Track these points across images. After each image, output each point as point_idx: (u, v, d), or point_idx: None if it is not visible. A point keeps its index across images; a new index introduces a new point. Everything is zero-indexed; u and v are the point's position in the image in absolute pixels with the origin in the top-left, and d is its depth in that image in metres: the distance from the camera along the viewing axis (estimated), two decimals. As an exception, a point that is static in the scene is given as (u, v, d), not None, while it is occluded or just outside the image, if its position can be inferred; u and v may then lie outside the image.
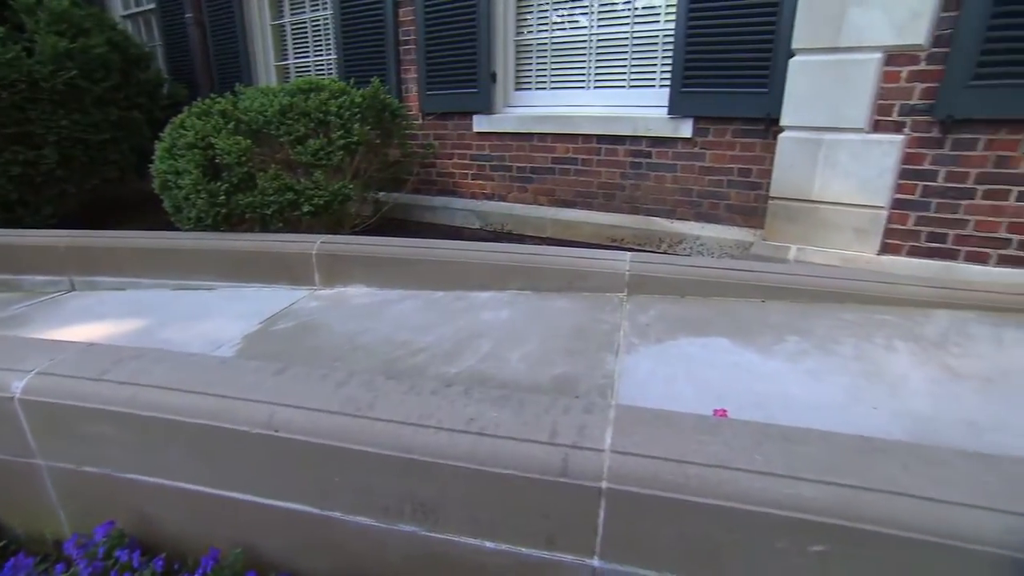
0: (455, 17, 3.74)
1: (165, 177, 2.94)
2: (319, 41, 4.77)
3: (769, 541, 0.88)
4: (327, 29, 4.62)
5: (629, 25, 3.32)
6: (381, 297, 2.42)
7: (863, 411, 1.48)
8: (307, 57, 4.91)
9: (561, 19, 3.59)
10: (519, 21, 3.71)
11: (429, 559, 1.07)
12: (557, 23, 3.60)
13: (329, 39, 4.64)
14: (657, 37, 3.24)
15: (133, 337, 2.12)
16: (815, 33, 2.44)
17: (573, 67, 3.60)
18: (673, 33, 3.03)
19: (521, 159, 3.80)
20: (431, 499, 1.03)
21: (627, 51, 3.37)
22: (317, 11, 4.67)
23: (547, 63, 3.69)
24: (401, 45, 4.12)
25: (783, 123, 2.63)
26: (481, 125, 3.90)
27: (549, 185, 3.74)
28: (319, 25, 4.70)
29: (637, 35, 3.31)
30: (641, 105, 3.34)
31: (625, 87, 3.44)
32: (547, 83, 3.74)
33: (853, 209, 2.54)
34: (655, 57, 3.28)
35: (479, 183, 4.06)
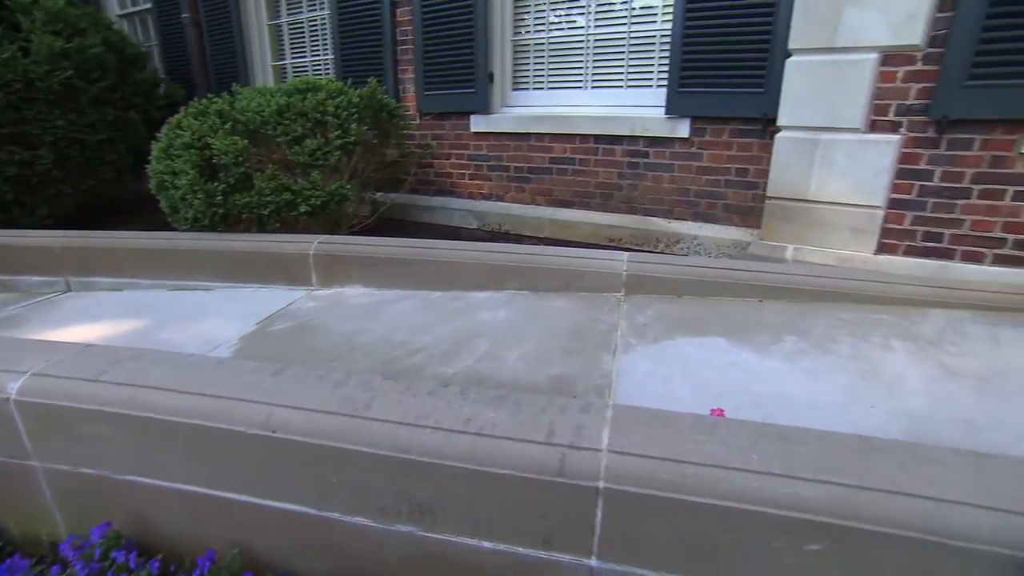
0: (452, 17, 3.74)
1: (162, 177, 2.93)
2: (316, 41, 4.76)
3: (766, 540, 0.88)
4: (324, 29, 4.62)
5: (626, 25, 3.32)
6: (379, 297, 2.42)
7: (860, 410, 1.49)
8: (304, 57, 4.90)
9: (558, 19, 3.59)
10: (516, 21, 3.71)
11: (426, 559, 1.07)
12: (554, 23, 3.60)
13: (326, 39, 4.63)
14: (654, 37, 3.24)
15: (130, 338, 2.11)
16: (811, 33, 2.45)
17: (570, 67, 3.60)
18: (670, 33, 3.04)
19: (519, 159, 3.80)
20: (428, 499, 1.03)
21: (624, 51, 3.37)
22: (314, 11, 4.66)
23: (544, 63, 3.70)
24: (398, 45, 4.12)
25: (780, 123, 2.64)
26: (479, 125, 3.89)
27: (547, 185, 3.74)
28: (316, 25, 4.70)
29: (634, 35, 3.31)
30: (638, 105, 3.34)
31: (622, 87, 3.44)
32: (544, 83, 3.74)
33: (850, 209, 2.54)
34: (652, 57, 3.28)
35: (477, 183, 4.06)
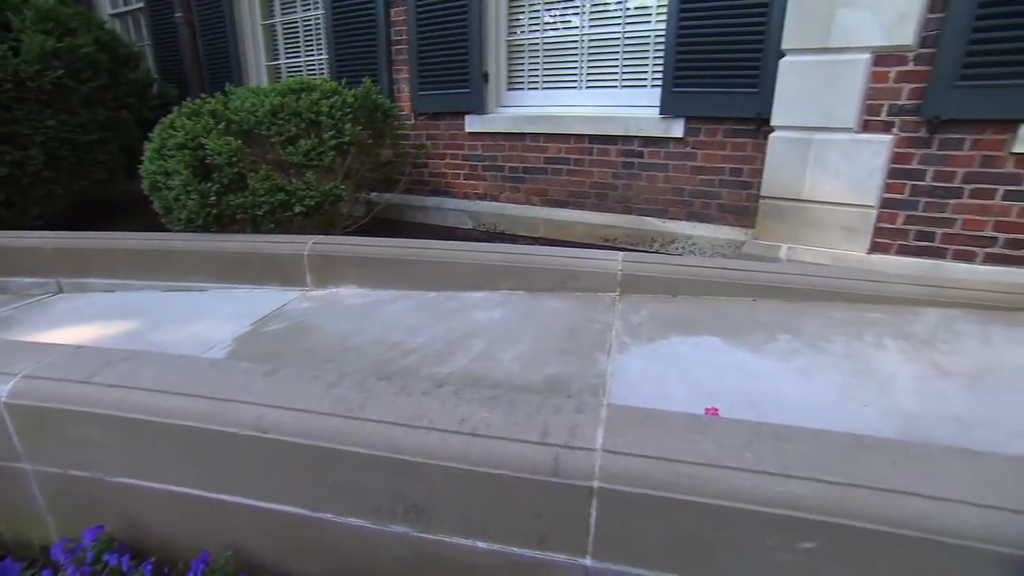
0: (447, 17, 3.74)
1: (155, 178, 2.91)
2: (310, 41, 4.74)
3: (760, 538, 0.88)
4: (318, 29, 4.60)
5: (621, 25, 3.33)
6: (373, 298, 2.41)
7: (853, 409, 1.50)
8: (298, 57, 4.88)
9: (553, 19, 3.59)
10: (511, 21, 3.71)
11: (421, 560, 1.07)
12: (549, 23, 3.60)
13: (320, 39, 4.61)
14: (648, 37, 3.25)
15: (122, 339, 2.10)
16: (805, 34, 2.46)
17: (565, 67, 3.61)
18: (664, 33, 3.05)
19: (513, 159, 3.80)
20: (423, 500, 1.02)
21: (619, 51, 3.37)
22: (308, 11, 4.64)
23: (539, 63, 3.70)
24: (393, 45, 4.11)
25: (774, 123, 2.65)
26: (473, 125, 3.89)
27: (541, 185, 3.74)
28: (310, 25, 4.68)
29: (629, 35, 3.32)
30: (633, 105, 3.35)
31: (617, 87, 3.45)
32: (539, 83, 3.74)
33: (843, 208, 2.56)
34: (647, 57, 3.29)
35: (471, 183, 4.06)
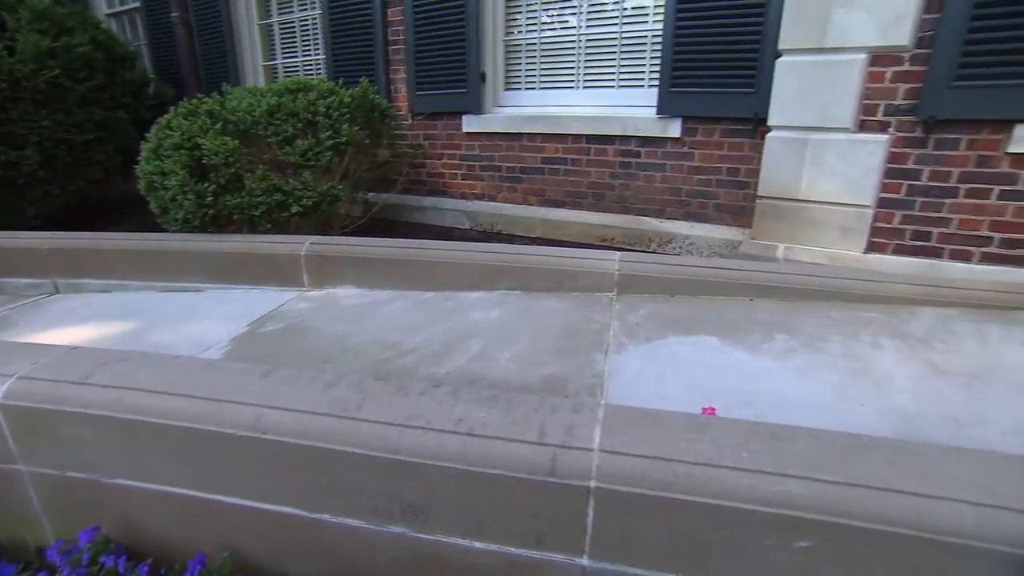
0: (444, 17, 3.73)
1: (151, 178, 2.90)
2: (307, 41, 4.73)
3: (757, 538, 0.88)
4: (315, 29, 4.59)
5: (618, 25, 3.33)
6: (371, 298, 2.41)
7: (850, 408, 1.50)
8: (295, 57, 4.87)
9: (550, 19, 3.59)
10: (508, 21, 3.71)
11: (418, 560, 1.07)
12: (546, 23, 3.60)
13: (317, 39, 4.61)
14: (646, 37, 3.25)
15: (119, 340, 2.09)
16: (801, 34, 2.46)
17: (562, 67, 3.61)
18: (661, 33, 3.05)
19: (511, 159, 3.80)
20: (420, 500, 1.02)
21: (616, 51, 3.38)
22: (305, 11, 4.63)
23: (536, 63, 3.70)
24: (390, 45, 4.10)
25: (770, 123, 2.65)
26: (471, 125, 3.89)
27: (539, 185, 3.74)
28: (307, 25, 4.67)
29: (626, 35, 3.32)
30: (630, 105, 3.35)
31: (614, 87, 3.45)
32: (536, 83, 3.74)
33: (840, 208, 2.56)
34: (644, 57, 3.29)
35: (469, 183, 4.05)
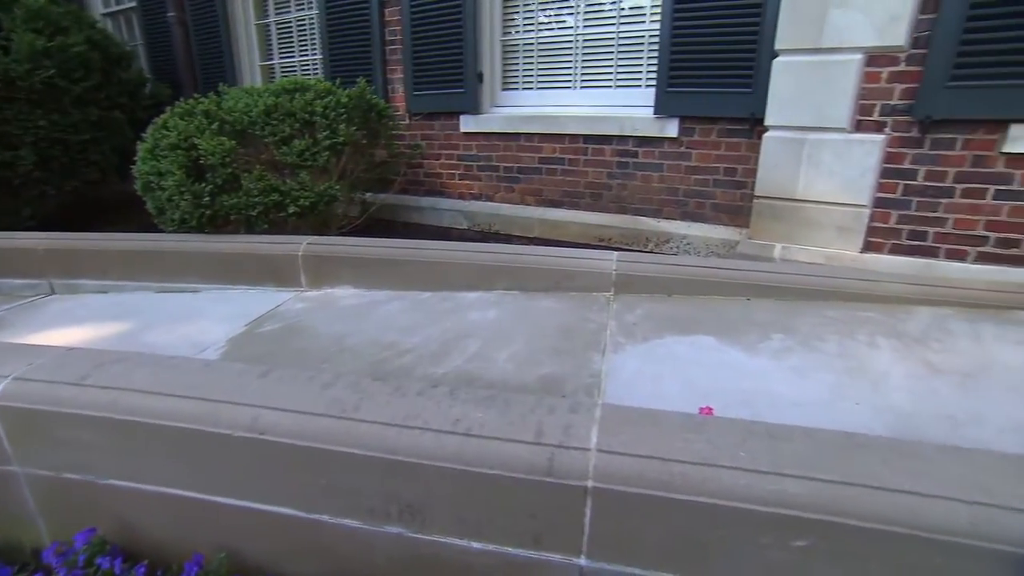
0: (441, 17, 3.73)
1: (148, 178, 2.89)
2: (304, 41, 4.73)
3: (754, 537, 0.89)
4: (312, 29, 4.58)
5: (615, 25, 3.33)
6: (368, 298, 2.41)
7: (846, 407, 1.50)
8: (292, 57, 4.86)
9: (547, 19, 3.59)
10: (505, 21, 3.71)
11: (416, 560, 1.07)
12: (543, 23, 3.60)
13: (315, 39, 4.60)
14: (643, 37, 3.26)
15: (115, 341, 2.09)
16: (798, 34, 2.47)
17: (560, 67, 3.61)
18: (658, 33, 3.05)
19: (508, 159, 3.80)
20: (418, 500, 1.02)
21: (613, 51, 3.38)
22: (302, 10, 4.63)
23: (533, 63, 3.70)
24: (387, 45, 4.10)
25: (767, 123, 2.66)
26: (468, 125, 3.89)
27: (536, 185, 3.74)
28: (304, 25, 4.66)
29: (623, 35, 3.32)
30: (627, 105, 3.35)
31: (611, 87, 3.45)
32: (534, 83, 3.74)
33: (836, 208, 2.57)
34: (641, 57, 3.29)
35: (466, 183, 4.05)
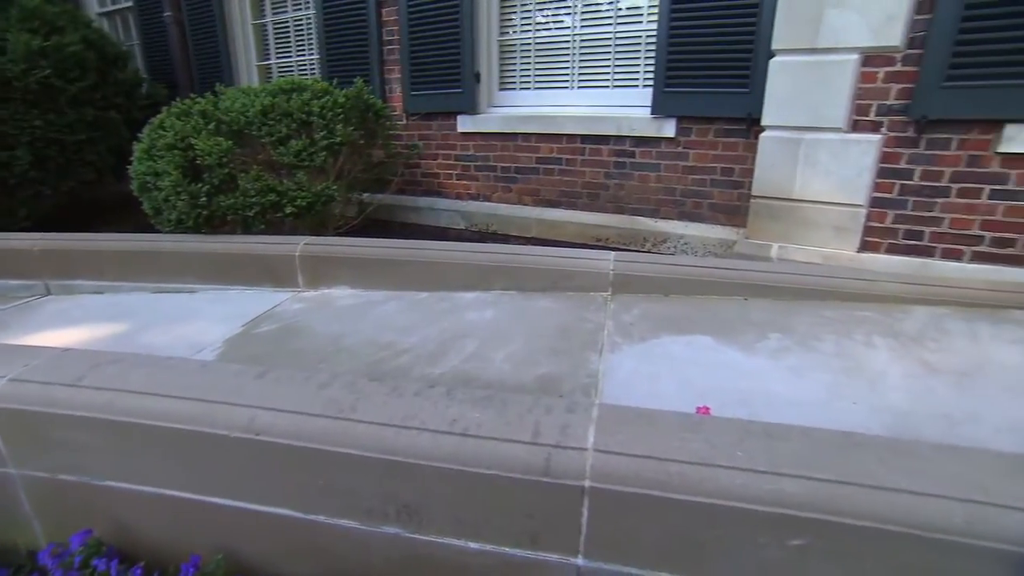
0: (438, 17, 3.73)
1: (144, 179, 2.88)
2: (301, 41, 4.72)
3: (751, 536, 0.89)
4: (310, 29, 4.58)
5: (612, 25, 3.34)
6: (365, 298, 2.40)
7: (843, 407, 1.51)
8: (289, 57, 4.86)
9: (545, 19, 3.59)
10: (503, 21, 3.71)
11: (413, 561, 1.07)
12: (541, 23, 3.60)
13: (312, 39, 4.59)
14: (640, 37, 3.26)
15: (111, 341, 2.08)
16: (794, 34, 2.47)
17: (557, 67, 3.61)
18: (656, 34, 3.06)
19: (505, 159, 3.80)
20: (415, 500, 1.02)
21: (610, 51, 3.38)
22: (299, 11, 4.62)
23: (531, 63, 3.70)
24: (384, 45, 4.10)
25: (764, 123, 2.66)
26: (465, 125, 3.89)
27: (534, 185, 3.75)
28: (301, 25, 4.66)
29: (620, 35, 3.33)
30: (625, 105, 3.36)
31: (609, 87, 3.45)
32: (531, 83, 3.74)
33: (833, 207, 2.58)
34: (638, 57, 3.30)
35: (464, 183, 4.05)
